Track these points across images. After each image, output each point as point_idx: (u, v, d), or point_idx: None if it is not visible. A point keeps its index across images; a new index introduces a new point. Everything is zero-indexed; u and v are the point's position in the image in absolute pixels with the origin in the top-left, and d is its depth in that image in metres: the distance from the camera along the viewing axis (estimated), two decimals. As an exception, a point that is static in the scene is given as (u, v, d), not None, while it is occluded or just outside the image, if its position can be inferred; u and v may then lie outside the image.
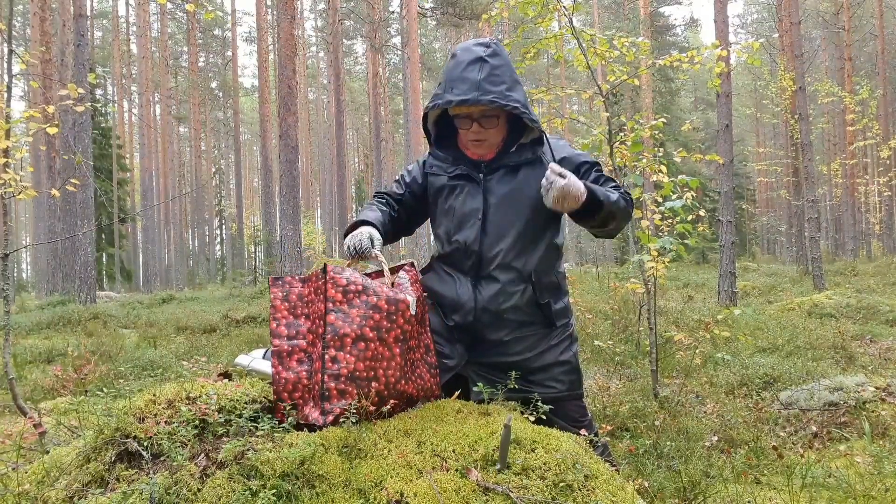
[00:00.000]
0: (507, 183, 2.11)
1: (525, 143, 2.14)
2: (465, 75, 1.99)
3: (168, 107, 37.92)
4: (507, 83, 2.01)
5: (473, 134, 2.09)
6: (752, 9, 42.67)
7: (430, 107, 2.08)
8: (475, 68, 1.99)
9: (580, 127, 28.88)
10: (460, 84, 1.99)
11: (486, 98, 1.97)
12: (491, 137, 2.11)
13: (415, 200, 2.28)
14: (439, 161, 2.22)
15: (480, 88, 1.97)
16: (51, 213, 16.39)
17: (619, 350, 5.67)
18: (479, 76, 1.98)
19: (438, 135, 2.23)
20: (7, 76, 19.02)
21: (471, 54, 2.02)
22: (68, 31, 14.45)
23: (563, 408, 2.17)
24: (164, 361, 5.91)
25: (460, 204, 2.14)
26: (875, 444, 3.33)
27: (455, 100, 1.99)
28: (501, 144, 2.15)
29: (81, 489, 1.63)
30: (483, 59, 2.00)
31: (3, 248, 3.56)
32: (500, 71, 2.01)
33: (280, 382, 1.86)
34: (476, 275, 2.13)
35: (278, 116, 13.01)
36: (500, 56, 2.04)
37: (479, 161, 2.15)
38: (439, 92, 2.05)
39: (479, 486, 1.56)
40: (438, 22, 27.28)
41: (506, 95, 1.99)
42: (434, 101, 2.07)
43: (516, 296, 2.11)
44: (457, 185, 2.16)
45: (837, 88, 20.63)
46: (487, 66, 1.99)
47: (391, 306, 1.88)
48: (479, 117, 2.05)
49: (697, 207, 4.64)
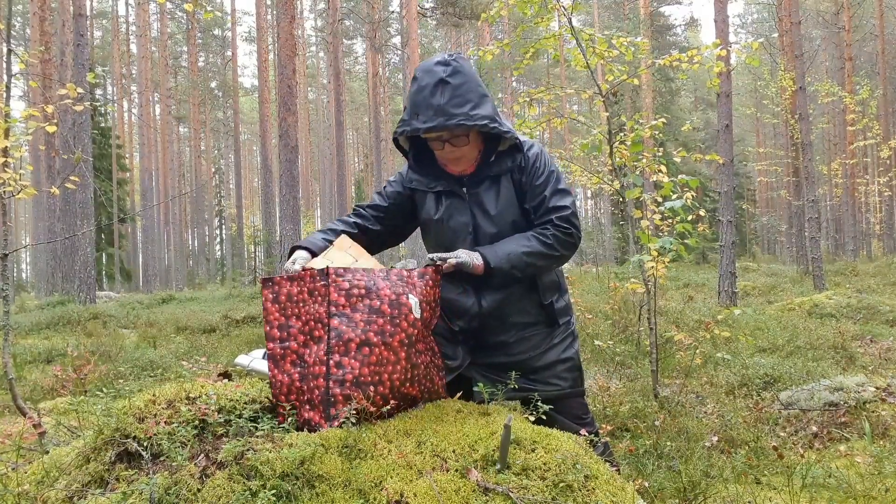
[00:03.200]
0: (492, 193, 2.12)
1: (503, 150, 2.14)
2: (428, 101, 1.98)
3: (168, 107, 37.90)
4: (473, 100, 2.00)
5: (447, 153, 2.10)
6: (752, 9, 42.68)
7: (399, 133, 2.07)
8: (437, 92, 1.98)
9: (580, 127, 28.89)
10: (425, 110, 1.99)
11: (452, 122, 1.97)
12: (466, 153, 2.11)
13: (398, 210, 2.29)
14: (420, 176, 2.22)
15: (445, 113, 1.97)
16: (50, 213, 16.39)
17: (619, 350, 5.67)
18: (442, 101, 1.97)
19: (417, 152, 2.23)
20: (6, 76, 19.02)
21: (432, 77, 2.00)
22: (68, 30, 14.44)
23: (566, 405, 2.19)
24: (163, 361, 5.91)
25: (447, 219, 2.16)
26: (875, 445, 3.33)
27: (422, 127, 2.00)
28: (479, 156, 2.15)
29: (81, 489, 1.63)
30: (444, 80, 1.99)
31: (2, 248, 3.56)
32: (462, 90, 1.99)
33: (276, 385, 1.87)
34: (478, 285, 2.14)
35: (278, 116, 13.00)
36: (461, 73, 2.01)
37: (460, 176, 2.16)
38: (406, 118, 2.05)
39: (479, 486, 1.56)
40: (438, 22, 27.27)
41: (470, 116, 1.99)
42: (402, 126, 2.06)
43: (520, 299, 2.14)
44: (441, 201, 2.17)
45: (837, 88, 20.62)
46: (449, 87, 1.98)
47: (394, 310, 1.87)
48: (449, 138, 2.06)
49: (697, 207, 4.64)
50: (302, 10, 38.43)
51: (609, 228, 30.35)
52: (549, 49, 4.67)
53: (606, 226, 31.10)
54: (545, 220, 2.10)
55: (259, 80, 27.23)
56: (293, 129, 12.77)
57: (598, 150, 4.36)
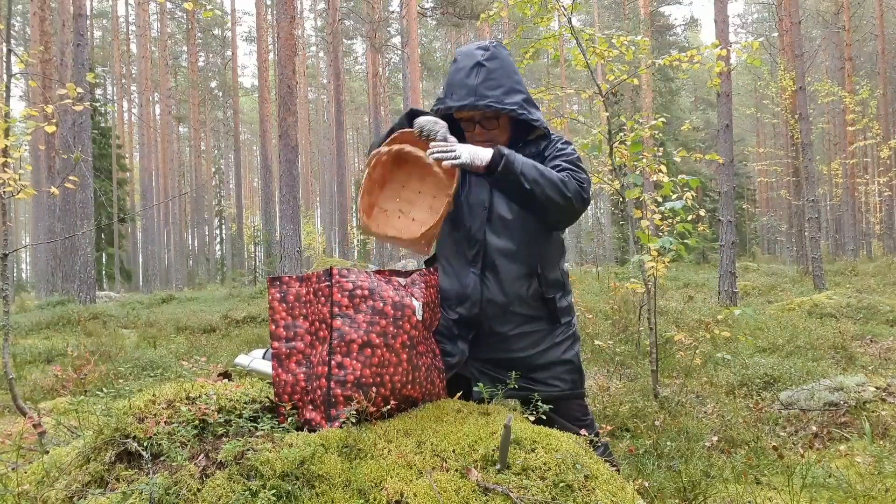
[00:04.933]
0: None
1: (531, 139, 2.21)
2: (464, 81, 2.08)
3: (168, 107, 37.90)
4: (505, 86, 2.09)
5: (478, 135, 2.17)
6: (752, 9, 42.71)
7: (434, 110, 2.16)
8: (473, 73, 2.08)
9: (580, 127, 28.89)
10: (459, 90, 2.09)
11: (482, 103, 2.06)
12: (496, 137, 2.18)
13: None
14: None
15: (477, 94, 2.06)
16: (50, 213, 16.39)
17: (619, 350, 5.67)
18: (476, 81, 2.07)
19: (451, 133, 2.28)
20: (6, 76, 19.03)
21: (470, 59, 2.10)
22: (68, 30, 14.45)
23: (565, 407, 2.18)
24: (163, 361, 5.91)
25: (467, 193, 2.20)
26: (875, 444, 3.33)
27: (454, 105, 2.09)
28: (507, 143, 2.19)
29: (81, 489, 1.63)
30: (481, 63, 2.08)
31: (2, 248, 3.56)
32: (496, 74, 2.09)
33: (279, 385, 1.87)
34: (481, 265, 2.15)
35: (278, 116, 13.00)
36: (498, 59, 2.11)
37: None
38: (441, 97, 2.15)
39: (479, 486, 1.56)
40: (438, 22, 27.28)
41: (501, 99, 2.07)
42: (436, 105, 2.16)
43: (522, 287, 2.14)
44: (466, 176, 2.21)
45: (837, 88, 20.61)
46: (484, 70, 2.08)
47: (397, 311, 1.88)
48: (480, 119, 2.15)
49: (697, 207, 4.64)
50: (302, 10, 38.45)
51: (609, 228, 30.36)
52: (548, 49, 4.67)
53: (606, 226, 31.10)
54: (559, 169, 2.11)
55: (259, 80, 27.24)
56: (293, 129, 12.76)
57: (598, 150, 4.36)
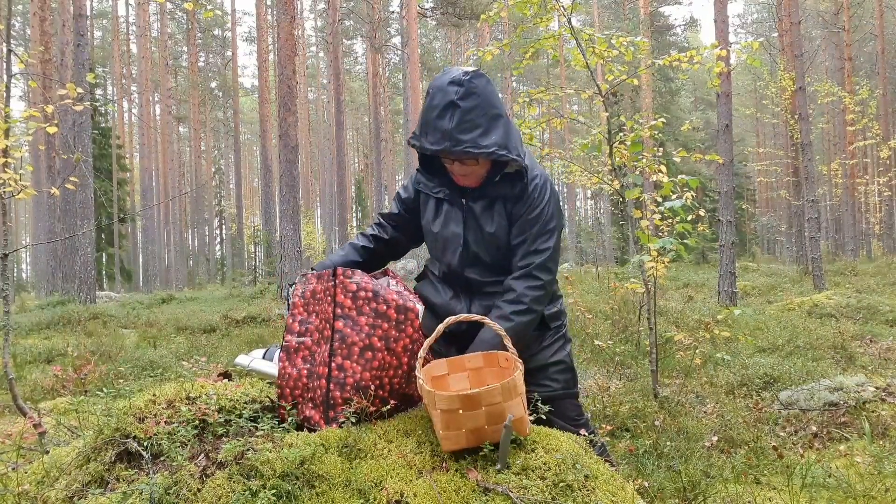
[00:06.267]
0: (489, 214, 2.13)
1: (510, 172, 2.12)
2: (437, 123, 1.95)
3: (168, 107, 37.88)
4: (482, 125, 1.96)
5: (457, 170, 2.10)
6: (752, 9, 42.70)
7: (410, 145, 2.08)
8: (446, 116, 1.94)
9: (580, 127, 28.88)
10: (433, 132, 1.96)
11: (458, 149, 1.94)
12: (475, 171, 2.10)
13: (413, 215, 2.32)
14: (426, 180, 2.25)
15: (452, 139, 1.94)
16: (50, 213, 16.39)
17: (619, 350, 5.67)
18: (450, 125, 1.93)
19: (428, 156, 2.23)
20: (6, 76, 19.02)
21: (443, 97, 1.95)
22: (68, 31, 14.45)
23: (560, 406, 2.20)
24: (164, 361, 5.91)
25: (442, 227, 2.18)
26: (875, 444, 3.33)
27: (429, 148, 1.98)
28: (486, 175, 2.14)
29: (81, 489, 1.63)
30: (454, 103, 1.94)
31: (3, 248, 3.56)
32: (472, 115, 1.94)
33: (284, 377, 1.89)
34: (469, 294, 2.19)
35: (278, 116, 13.00)
36: (474, 95, 1.96)
37: (465, 188, 2.17)
38: (417, 133, 2.04)
39: (479, 486, 1.56)
40: (438, 22, 27.26)
41: (478, 143, 1.95)
42: (413, 140, 2.05)
43: None
44: (441, 207, 2.19)
45: (837, 88, 20.59)
46: (459, 111, 1.93)
47: (400, 315, 1.88)
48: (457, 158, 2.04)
49: (697, 207, 4.64)
50: (302, 10, 38.44)
51: (609, 228, 30.34)
52: (548, 49, 4.67)
53: (606, 226, 31.08)
54: (523, 265, 2.08)
55: (259, 80, 27.23)
56: (293, 129, 12.76)
57: (597, 150, 4.36)
